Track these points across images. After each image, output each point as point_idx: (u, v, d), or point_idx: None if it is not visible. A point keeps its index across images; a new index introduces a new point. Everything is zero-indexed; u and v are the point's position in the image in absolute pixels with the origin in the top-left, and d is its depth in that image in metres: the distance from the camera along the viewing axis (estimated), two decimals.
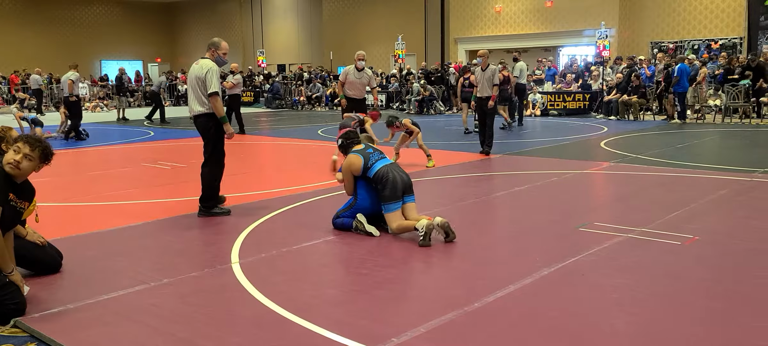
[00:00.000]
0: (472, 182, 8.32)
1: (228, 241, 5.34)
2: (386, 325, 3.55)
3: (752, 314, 3.64)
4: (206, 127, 6.26)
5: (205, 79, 6.14)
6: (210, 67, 6.19)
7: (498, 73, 10.43)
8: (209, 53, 6.37)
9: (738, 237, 5.27)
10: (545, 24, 24.76)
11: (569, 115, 18.10)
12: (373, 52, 30.27)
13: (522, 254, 4.93)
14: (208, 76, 6.13)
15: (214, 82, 6.11)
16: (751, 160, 9.20)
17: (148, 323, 3.67)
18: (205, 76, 6.15)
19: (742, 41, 20.99)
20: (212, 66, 6.22)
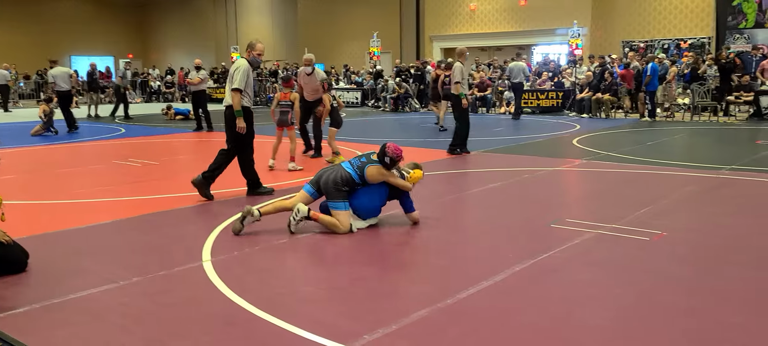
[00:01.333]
0: (446, 179, 8.35)
1: (199, 239, 5.29)
2: (360, 322, 3.54)
3: (719, 308, 3.71)
4: (231, 119, 6.88)
5: (232, 75, 6.84)
6: (240, 65, 6.87)
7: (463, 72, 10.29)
8: (247, 53, 7.02)
9: (705, 233, 5.37)
10: (519, 23, 24.96)
11: (543, 113, 18.27)
12: (348, 49, 30.22)
13: (495, 251, 4.96)
14: (235, 73, 6.82)
15: (237, 79, 6.78)
16: (718, 158, 9.38)
17: (116, 322, 3.62)
18: (233, 73, 6.85)
19: (711, 41, 21.39)
20: (242, 64, 6.88)
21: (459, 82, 10.08)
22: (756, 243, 5.03)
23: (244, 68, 6.84)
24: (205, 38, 36.05)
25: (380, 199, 5.67)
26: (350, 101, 23.54)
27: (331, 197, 5.51)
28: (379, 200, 5.67)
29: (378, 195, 5.65)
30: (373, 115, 19.46)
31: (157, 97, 29.16)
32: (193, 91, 15.29)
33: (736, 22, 20.90)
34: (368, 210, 5.62)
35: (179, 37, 37.44)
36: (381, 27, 26.22)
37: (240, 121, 6.79)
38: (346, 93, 23.87)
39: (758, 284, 4.10)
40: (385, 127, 15.96)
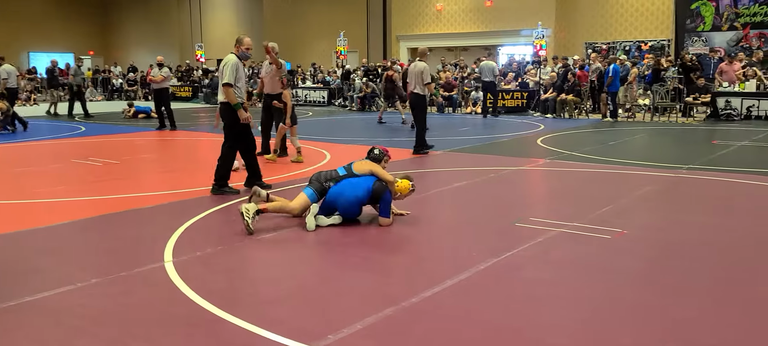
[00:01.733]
0: None
1: (161, 239, 5.20)
2: (324, 322, 3.52)
3: (679, 303, 3.79)
4: (225, 115, 7.06)
5: (222, 71, 7.00)
6: (228, 60, 7.01)
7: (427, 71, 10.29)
8: (235, 48, 7.13)
9: (664, 231, 5.49)
10: (485, 23, 25.18)
11: (508, 113, 18.46)
12: (315, 48, 30.07)
13: (460, 250, 5.00)
14: (224, 69, 6.97)
15: (226, 74, 6.92)
16: (677, 157, 9.61)
17: (74, 324, 3.53)
18: (222, 69, 7.00)
19: (670, 43, 21.90)
20: (230, 59, 7.00)
21: (429, 82, 10.20)
22: (711, 239, 5.17)
23: (231, 63, 6.95)
24: (169, 36, 35.48)
25: (362, 191, 5.58)
26: (317, 100, 23.44)
27: (310, 185, 5.76)
28: (361, 191, 5.58)
29: (361, 187, 5.60)
30: (339, 115, 19.41)
31: (119, 95, 28.60)
32: (155, 89, 15.02)
33: (694, 25, 21.44)
34: (348, 201, 5.55)
35: (142, 35, 36.78)
36: (348, 26, 26.16)
37: (241, 113, 6.95)
38: (313, 92, 23.76)
39: (712, 279, 4.21)
40: (352, 126, 15.94)
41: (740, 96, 15.53)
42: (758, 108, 15.24)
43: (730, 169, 8.40)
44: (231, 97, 6.91)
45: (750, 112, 15.32)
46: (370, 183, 5.64)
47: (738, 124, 14.75)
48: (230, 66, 6.93)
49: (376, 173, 5.73)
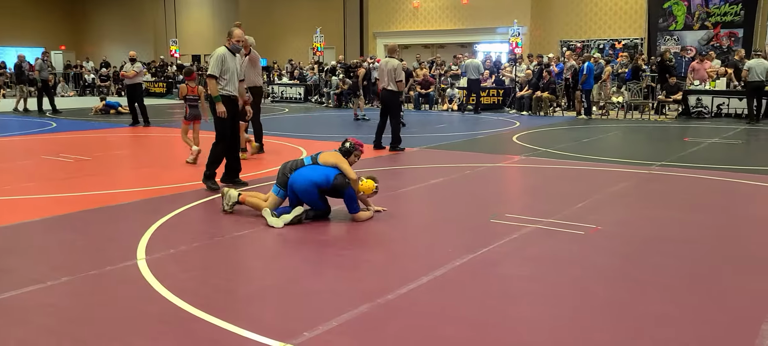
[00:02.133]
0: (388, 175, 8.37)
1: (134, 237, 5.12)
2: (299, 319, 3.50)
3: (651, 299, 3.84)
4: (213, 107, 7.00)
5: (209, 62, 7.04)
6: (215, 52, 7.00)
7: (399, 69, 10.24)
8: (227, 41, 7.06)
9: (637, 226, 5.56)
10: (461, 20, 25.27)
11: (484, 110, 18.56)
12: (291, 44, 29.92)
13: (435, 246, 5.00)
14: (210, 60, 6.99)
15: (211, 66, 6.91)
16: (650, 154, 9.75)
17: (43, 324, 3.46)
18: (210, 60, 7.03)
19: (643, 41, 22.21)
20: (217, 52, 6.98)
21: (401, 80, 10.17)
22: (682, 234, 5.25)
23: (217, 55, 6.91)
24: (144, 31, 35.01)
25: (319, 176, 5.54)
26: (293, 97, 23.31)
27: (277, 180, 5.73)
28: (317, 176, 5.53)
29: (320, 173, 5.55)
30: (316, 111, 19.33)
31: (91, 91, 28.13)
32: (127, 84, 14.78)
33: (666, 24, 21.76)
34: (303, 186, 5.50)
35: (116, 29, 36.22)
36: (324, 22, 26.06)
37: (219, 106, 6.83)
38: (289, 88, 23.63)
39: (683, 273, 4.27)
40: (329, 123, 15.89)
41: (711, 94, 15.81)
42: (728, 106, 15.53)
43: (702, 166, 8.54)
44: (213, 89, 6.83)
45: (720, 110, 15.60)
46: (331, 173, 5.57)
47: (709, 121, 15.01)
48: (215, 58, 6.88)
49: (341, 167, 5.62)
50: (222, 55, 6.89)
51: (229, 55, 6.94)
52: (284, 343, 3.19)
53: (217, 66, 6.85)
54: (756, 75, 14.30)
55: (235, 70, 7.02)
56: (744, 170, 8.30)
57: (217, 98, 6.84)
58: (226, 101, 6.94)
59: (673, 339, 3.27)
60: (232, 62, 6.97)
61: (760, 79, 14.34)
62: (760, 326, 3.40)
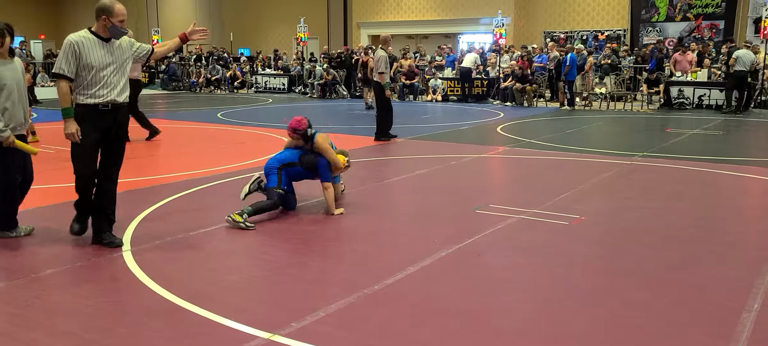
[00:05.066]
0: (373, 165, 8.38)
1: (119, 228, 5.08)
2: (286, 310, 3.51)
3: (632, 287, 3.91)
4: None
5: None
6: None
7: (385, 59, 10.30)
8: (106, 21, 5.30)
9: (619, 216, 5.63)
10: (445, 11, 25.25)
11: (470, 101, 18.60)
12: (275, 34, 29.73)
13: (421, 237, 5.03)
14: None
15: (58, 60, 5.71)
16: (632, 145, 9.85)
17: (29, 316, 3.44)
18: None
19: (626, 33, 22.37)
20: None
21: (383, 72, 10.14)
22: (663, 224, 5.33)
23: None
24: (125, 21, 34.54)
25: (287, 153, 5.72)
26: (276, 87, 23.20)
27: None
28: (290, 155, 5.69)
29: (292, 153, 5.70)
30: (300, 102, 19.27)
31: None
32: None
33: (649, 15, 21.92)
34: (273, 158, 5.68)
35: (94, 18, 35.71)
36: (308, 12, 25.89)
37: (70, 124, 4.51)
38: (273, 79, 23.51)
39: (663, 263, 4.34)
40: (313, 113, 15.83)
41: (692, 85, 15.99)
42: (709, 97, 15.72)
43: (683, 157, 8.65)
44: (62, 93, 4.49)
45: (701, 101, 15.79)
46: (296, 153, 5.69)
47: (690, 112, 15.18)
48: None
49: (328, 157, 5.65)
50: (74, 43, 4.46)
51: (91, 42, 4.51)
52: (271, 333, 3.21)
53: (65, 60, 4.44)
54: (743, 65, 14.51)
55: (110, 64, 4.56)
56: (725, 161, 8.43)
57: (65, 113, 4.49)
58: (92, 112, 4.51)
59: (653, 327, 3.33)
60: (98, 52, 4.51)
61: (745, 70, 14.57)
62: (739, 315, 3.47)
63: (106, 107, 4.52)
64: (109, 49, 4.55)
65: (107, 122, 4.56)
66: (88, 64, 4.45)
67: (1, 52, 4.71)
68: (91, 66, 4.45)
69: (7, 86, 4.65)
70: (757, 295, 3.74)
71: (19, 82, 4.78)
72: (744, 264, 4.33)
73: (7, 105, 4.65)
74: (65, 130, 4.52)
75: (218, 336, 3.21)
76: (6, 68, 4.71)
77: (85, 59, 4.44)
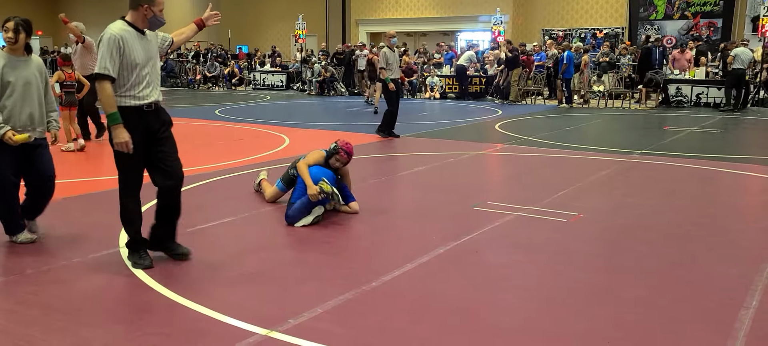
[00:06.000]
0: (371, 162, 8.37)
1: (115, 225, 5.05)
2: (283, 306, 3.50)
3: (630, 284, 3.90)
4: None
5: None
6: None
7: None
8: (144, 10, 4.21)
9: (618, 214, 5.63)
10: (444, 9, 25.23)
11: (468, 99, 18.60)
12: (273, 31, 29.68)
13: (420, 233, 5.02)
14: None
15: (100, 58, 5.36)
16: (630, 143, 9.85)
17: (26, 312, 3.42)
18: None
19: (624, 31, 22.37)
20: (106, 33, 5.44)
21: (384, 68, 10.16)
22: (662, 221, 5.32)
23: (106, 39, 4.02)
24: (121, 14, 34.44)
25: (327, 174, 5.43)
26: (275, 84, 23.18)
27: (282, 177, 5.86)
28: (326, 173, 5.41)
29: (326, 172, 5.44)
30: (298, 99, 19.24)
31: None
32: None
33: (647, 13, 21.93)
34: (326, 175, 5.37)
35: (95, 15, 35.57)
36: (306, 9, 25.86)
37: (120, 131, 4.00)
38: (271, 76, 23.48)
39: (662, 260, 4.34)
40: (312, 111, 15.83)
41: (690, 83, 15.99)
42: (707, 95, 15.72)
43: (681, 155, 8.65)
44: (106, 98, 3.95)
45: (699, 99, 15.80)
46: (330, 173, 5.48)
47: (688, 110, 15.19)
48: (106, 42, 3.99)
49: (299, 170, 5.32)
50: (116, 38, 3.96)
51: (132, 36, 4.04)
52: (269, 330, 3.20)
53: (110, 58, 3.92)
54: (741, 63, 14.53)
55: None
56: (723, 159, 8.43)
57: (112, 118, 3.93)
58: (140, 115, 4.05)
59: (652, 324, 3.32)
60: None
61: (743, 68, 14.58)
62: (738, 311, 3.47)
63: (151, 109, 4.08)
64: (146, 43, 4.11)
65: (152, 125, 4.08)
66: (132, 62, 3.97)
67: (15, 48, 4.45)
68: (135, 63, 3.98)
69: (11, 84, 4.38)
70: (756, 292, 3.74)
71: (28, 82, 4.45)
72: (742, 261, 4.33)
73: (7, 103, 4.38)
74: (115, 139, 3.91)
75: (216, 332, 3.20)
76: (16, 66, 4.42)
77: (129, 56, 3.96)
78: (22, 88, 4.42)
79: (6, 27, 4.44)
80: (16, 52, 4.46)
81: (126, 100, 3.97)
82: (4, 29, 4.44)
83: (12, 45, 4.43)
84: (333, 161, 5.53)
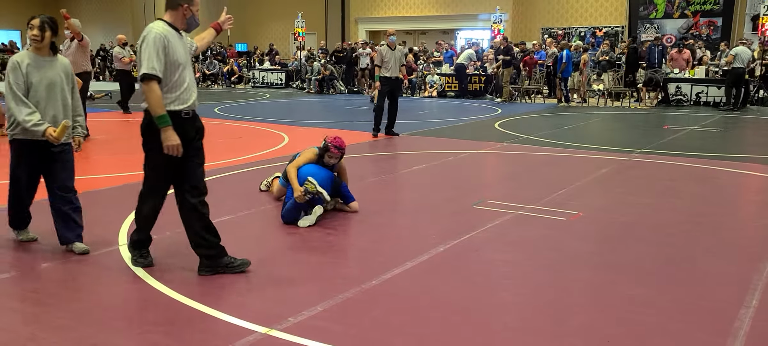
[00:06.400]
0: (371, 161, 8.37)
1: (114, 222, 5.07)
2: (283, 305, 3.50)
3: (630, 283, 3.90)
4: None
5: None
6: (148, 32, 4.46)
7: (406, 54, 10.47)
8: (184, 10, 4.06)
9: (617, 212, 5.62)
10: (443, 7, 25.20)
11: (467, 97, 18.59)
12: (271, 29, 29.65)
13: (419, 232, 5.02)
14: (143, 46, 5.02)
15: (146, 57, 4.72)
16: (630, 142, 9.85)
17: (25, 310, 3.42)
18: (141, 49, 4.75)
19: (624, 29, 22.36)
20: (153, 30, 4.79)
21: (378, 66, 10.22)
22: (661, 220, 5.32)
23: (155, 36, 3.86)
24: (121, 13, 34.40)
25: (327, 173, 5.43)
26: (274, 82, 23.17)
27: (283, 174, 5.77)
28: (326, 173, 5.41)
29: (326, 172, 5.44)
30: (298, 97, 19.23)
31: None
32: (119, 69, 14.56)
33: (647, 12, 21.92)
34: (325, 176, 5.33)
35: (93, 12, 35.57)
36: (305, 7, 25.83)
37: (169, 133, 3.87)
38: (270, 74, 23.47)
39: (662, 259, 4.34)
40: (311, 109, 15.81)
41: (690, 82, 15.99)
42: (707, 94, 15.72)
43: (681, 154, 8.65)
44: (155, 100, 3.78)
45: (699, 98, 15.80)
46: (331, 174, 5.49)
47: (688, 109, 15.19)
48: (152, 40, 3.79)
49: (287, 171, 5.34)
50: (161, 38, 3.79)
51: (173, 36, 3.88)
52: (269, 328, 3.19)
53: (157, 57, 3.76)
54: (741, 62, 14.53)
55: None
56: (722, 158, 8.43)
57: (162, 120, 3.78)
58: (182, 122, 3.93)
59: (652, 323, 3.32)
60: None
61: (743, 67, 14.59)
62: (738, 310, 3.47)
63: (188, 116, 3.94)
64: (184, 44, 3.96)
65: (188, 132, 3.92)
66: (175, 62, 3.82)
67: (40, 47, 4.21)
68: (178, 63, 3.83)
69: (34, 86, 4.14)
70: (755, 291, 3.74)
71: (52, 83, 4.21)
72: (742, 260, 4.33)
73: (31, 105, 4.15)
74: (166, 142, 3.77)
75: (215, 331, 3.19)
76: (41, 66, 4.19)
77: (172, 56, 3.80)
78: (45, 90, 4.18)
79: (31, 24, 4.23)
80: (41, 52, 4.24)
81: (168, 105, 3.81)
82: (30, 27, 4.23)
83: (37, 43, 4.21)
84: (326, 159, 5.51)
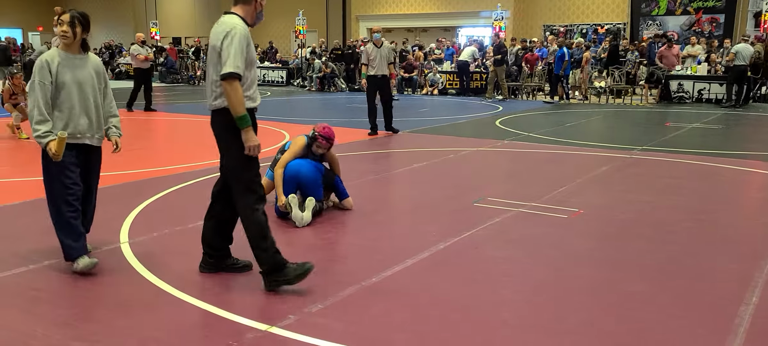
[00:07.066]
0: (372, 158, 8.37)
1: (116, 220, 5.08)
2: (284, 302, 3.51)
3: (631, 280, 3.90)
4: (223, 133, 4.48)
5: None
6: (232, 26, 3.86)
7: (393, 52, 10.44)
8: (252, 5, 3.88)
9: (618, 210, 5.63)
10: (445, 4, 25.18)
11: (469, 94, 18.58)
12: (272, 26, 29.64)
13: (420, 229, 5.02)
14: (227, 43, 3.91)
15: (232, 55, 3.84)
16: (632, 139, 9.84)
17: (27, 308, 3.43)
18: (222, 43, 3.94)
19: (626, 26, 22.32)
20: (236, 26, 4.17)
21: (365, 64, 10.25)
22: (662, 217, 5.32)
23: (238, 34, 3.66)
24: (123, 12, 34.44)
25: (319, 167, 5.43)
26: (275, 80, 23.17)
27: (271, 165, 5.59)
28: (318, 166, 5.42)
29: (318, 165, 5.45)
30: (299, 95, 19.24)
31: None
32: (136, 67, 14.55)
33: (649, 9, 21.88)
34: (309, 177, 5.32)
35: (94, 10, 35.53)
36: (306, 5, 25.83)
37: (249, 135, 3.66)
38: (271, 72, 23.47)
39: (662, 256, 4.34)
40: (312, 106, 15.82)
41: (692, 79, 15.97)
42: (709, 91, 15.70)
43: (682, 151, 8.64)
44: (236, 100, 3.57)
45: (701, 95, 15.77)
46: (321, 167, 5.48)
47: (689, 106, 15.17)
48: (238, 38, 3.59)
49: (275, 174, 5.32)
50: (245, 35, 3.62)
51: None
52: (269, 325, 3.20)
53: (241, 56, 3.56)
54: (742, 59, 14.51)
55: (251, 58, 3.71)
56: (724, 155, 8.42)
57: (244, 120, 3.58)
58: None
59: (652, 320, 3.32)
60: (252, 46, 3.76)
61: (745, 64, 14.56)
62: (738, 307, 3.47)
63: (255, 112, 3.77)
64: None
65: (255, 130, 3.71)
66: (252, 60, 3.65)
67: (70, 44, 3.91)
68: (253, 61, 3.67)
69: (66, 86, 3.86)
70: (756, 288, 3.74)
71: (84, 83, 3.93)
72: (743, 257, 4.33)
73: (64, 108, 3.88)
74: (248, 142, 3.57)
75: (217, 328, 3.20)
76: (71, 65, 3.91)
77: (250, 54, 3.63)
78: (77, 90, 3.91)
79: (61, 20, 3.92)
80: (71, 49, 3.94)
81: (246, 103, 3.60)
82: (59, 22, 3.93)
83: (67, 41, 3.90)
84: (314, 149, 5.46)
